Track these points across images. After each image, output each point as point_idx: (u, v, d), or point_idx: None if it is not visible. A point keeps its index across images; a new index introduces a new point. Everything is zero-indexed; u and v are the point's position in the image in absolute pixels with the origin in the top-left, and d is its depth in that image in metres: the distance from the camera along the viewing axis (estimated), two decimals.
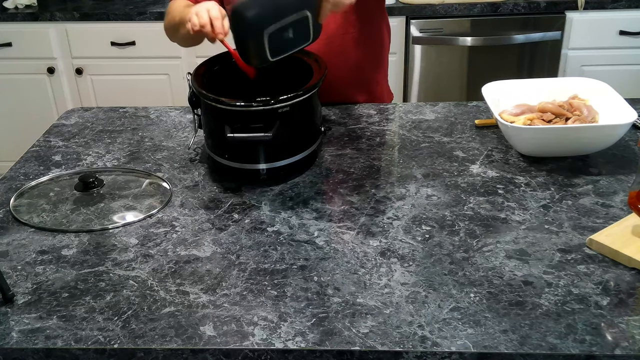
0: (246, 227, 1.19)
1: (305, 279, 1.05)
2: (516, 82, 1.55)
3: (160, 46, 2.85)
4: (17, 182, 1.38)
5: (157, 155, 1.46)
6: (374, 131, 1.54)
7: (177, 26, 1.58)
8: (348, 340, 0.92)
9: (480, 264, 1.07)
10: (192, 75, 1.36)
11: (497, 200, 1.24)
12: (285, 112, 1.26)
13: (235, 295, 1.02)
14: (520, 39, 2.82)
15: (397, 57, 2.87)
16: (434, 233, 1.15)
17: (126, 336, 0.95)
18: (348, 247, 1.13)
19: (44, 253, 1.14)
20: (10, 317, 0.99)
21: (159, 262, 1.11)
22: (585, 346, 0.90)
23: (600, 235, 1.10)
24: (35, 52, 2.93)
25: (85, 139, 1.56)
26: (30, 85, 3.00)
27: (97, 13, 2.85)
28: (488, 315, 0.96)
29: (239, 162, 1.32)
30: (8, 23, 2.90)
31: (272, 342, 0.93)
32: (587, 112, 1.40)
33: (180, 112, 1.69)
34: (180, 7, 1.60)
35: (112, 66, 2.94)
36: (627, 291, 1.00)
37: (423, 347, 0.91)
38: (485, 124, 1.53)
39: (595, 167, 1.34)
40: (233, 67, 1.43)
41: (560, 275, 1.03)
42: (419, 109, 1.65)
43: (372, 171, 1.36)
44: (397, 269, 1.06)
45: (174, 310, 0.99)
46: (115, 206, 1.27)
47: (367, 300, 1.00)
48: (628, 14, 2.75)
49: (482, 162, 1.38)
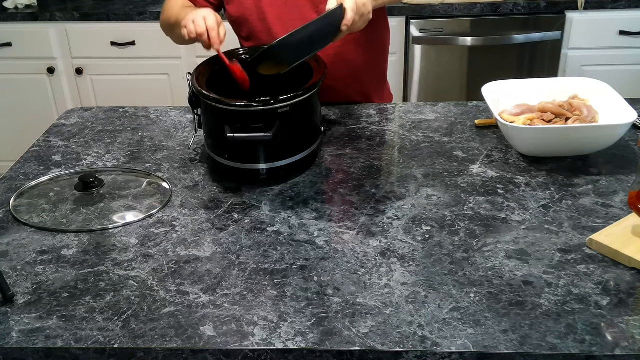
0: (246, 227, 1.19)
1: (305, 279, 1.05)
2: (516, 82, 1.55)
3: (160, 46, 2.85)
4: (17, 182, 1.38)
5: (157, 155, 1.46)
6: (374, 131, 1.54)
7: (173, 26, 1.58)
8: (348, 340, 0.92)
9: (480, 264, 1.07)
10: (192, 75, 1.36)
11: (497, 200, 1.24)
12: (285, 112, 1.26)
13: (235, 295, 1.02)
14: (520, 39, 2.82)
15: (397, 57, 2.87)
16: (434, 233, 1.15)
17: (126, 336, 0.95)
18: (348, 247, 1.13)
19: (44, 253, 1.14)
20: (10, 317, 0.99)
21: (159, 262, 1.11)
22: (585, 346, 0.90)
23: (600, 235, 1.10)
24: (35, 52, 2.93)
25: (85, 139, 1.56)
26: (30, 85, 3.00)
27: (97, 13, 2.85)
28: (488, 315, 0.96)
29: (239, 162, 1.32)
30: (8, 23, 2.90)
31: (272, 342, 0.93)
32: (587, 112, 1.40)
33: (180, 112, 1.69)
34: (177, 7, 1.60)
35: (112, 66, 2.94)
36: (627, 291, 1.00)
37: (423, 347, 0.91)
38: (485, 124, 1.53)
39: (595, 167, 1.34)
40: None
41: (560, 275, 1.03)
42: (419, 109, 1.65)
43: (372, 171, 1.36)
44: (397, 269, 1.06)
45: (174, 310, 0.99)
46: (115, 206, 1.27)
47: (367, 300, 1.00)
48: (628, 14, 2.75)
49: (482, 162, 1.38)
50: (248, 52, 1.47)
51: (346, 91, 1.68)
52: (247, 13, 1.61)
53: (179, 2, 1.62)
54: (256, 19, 1.61)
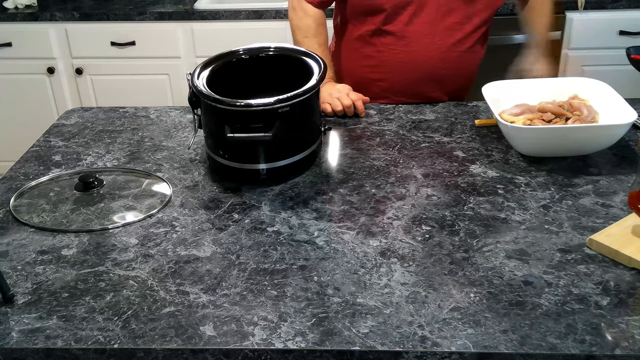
0: (246, 227, 1.19)
1: (305, 279, 1.05)
2: (516, 82, 1.55)
3: (160, 46, 2.85)
4: (17, 182, 1.38)
5: (157, 155, 1.46)
6: (374, 131, 1.54)
7: (295, 42, 1.75)
8: (348, 340, 0.92)
9: (480, 264, 1.07)
10: (192, 75, 1.36)
11: (497, 200, 1.24)
12: (285, 112, 1.26)
13: (235, 295, 1.02)
14: (520, 39, 2.81)
15: None
16: (434, 233, 1.15)
17: (126, 336, 0.95)
18: (348, 247, 1.13)
19: (44, 253, 1.14)
20: (10, 317, 0.99)
21: (159, 262, 1.11)
22: (585, 346, 0.90)
23: (600, 235, 1.10)
24: (35, 52, 2.92)
25: (85, 139, 1.56)
26: (30, 85, 3.00)
27: (97, 13, 2.85)
28: (488, 315, 0.96)
29: (239, 162, 1.31)
30: (8, 23, 2.90)
31: (272, 342, 0.93)
32: (587, 112, 1.40)
33: (180, 112, 1.69)
34: (307, 40, 1.72)
35: (112, 66, 2.94)
36: (627, 291, 1.00)
37: (423, 347, 0.91)
38: (485, 124, 1.53)
39: (595, 167, 1.34)
40: (233, 67, 1.43)
41: (560, 275, 1.03)
42: (419, 109, 1.64)
43: (372, 171, 1.36)
44: (397, 269, 1.06)
45: (174, 310, 0.99)
46: (115, 206, 1.27)
47: (367, 300, 1.00)
48: (628, 14, 2.75)
49: (482, 162, 1.38)
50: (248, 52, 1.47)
51: (464, 84, 1.80)
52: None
53: (309, 30, 1.74)
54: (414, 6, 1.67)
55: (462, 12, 1.67)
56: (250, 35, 2.69)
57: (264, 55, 1.45)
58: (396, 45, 1.69)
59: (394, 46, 1.70)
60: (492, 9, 1.72)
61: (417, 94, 1.72)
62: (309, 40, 1.71)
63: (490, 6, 1.70)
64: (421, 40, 1.68)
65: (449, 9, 1.66)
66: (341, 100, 1.60)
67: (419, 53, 1.68)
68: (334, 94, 1.61)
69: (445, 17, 1.66)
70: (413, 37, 1.67)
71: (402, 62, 1.70)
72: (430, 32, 1.67)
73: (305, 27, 1.73)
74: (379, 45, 1.71)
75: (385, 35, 1.69)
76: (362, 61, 1.77)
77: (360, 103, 1.61)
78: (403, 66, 1.71)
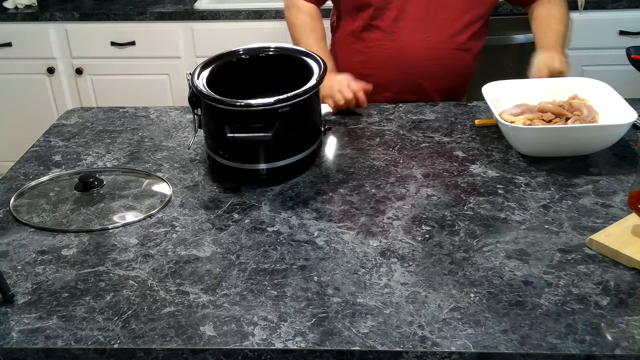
0: (246, 227, 1.19)
1: (305, 279, 1.05)
2: (516, 82, 1.55)
3: (160, 46, 2.85)
4: (17, 182, 1.38)
5: (157, 155, 1.46)
6: (374, 131, 1.54)
7: (293, 40, 1.73)
8: (348, 340, 0.92)
9: (480, 264, 1.07)
10: (192, 75, 1.36)
11: (497, 200, 1.24)
12: (285, 112, 1.26)
13: (235, 295, 1.02)
14: (520, 39, 2.81)
15: None
16: (434, 233, 1.15)
17: (126, 336, 0.95)
18: (348, 247, 1.13)
19: (44, 253, 1.14)
20: (10, 317, 0.99)
21: (159, 262, 1.11)
22: (585, 346, 0.90)
23: (600, 235, 1.10)
24: (35, 52, 2.92)
25: (85, 139, 1.56)
26: (30, 85, 3.00)
27: (97, 13, 2.85)
28: (488, 315, 0.96)
29: (239, 162, 1.31)
30: (8, 23, 2.90)
31: (272, 342, 0.93)
32: (587, 112, 1.40)
33: (180, 112, 1.69)
34: (304, 37, 1.71)
35: (112, 66, 2.94)
36: (627, 291, 1.00)
37: (423, 347, 0.91)
38: (485, 124, 1.53)
39: (595, 167, 1.34)
40: (233, 67, 1.43)
41: (560, 275, 1.03)
42: (419, 109, 1.64)
43: (372, 171, 1.36)
44: (397, 269, 1.06)
45: (174, 310, 0.99)
46: (115, 206, 1.27)
47: (367, 300, 1.00)
48: (628, 14, 2.75)
49: (482, 162, 1.38)
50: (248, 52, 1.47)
51: (458, 82, 1.78)
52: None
53: (305, 26, 1.73)
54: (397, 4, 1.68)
55: (453, 8, 1.66)
56: (250, 35, 2.69)
57: (264, 55, 1.45)
58: (385, 41, 1.69)
59: (382, 42, 1.70)
60: (487, 5, 1.71)
61: (407, 91, 1.71)
62: (306, 36, 1.71)
63: (484, 3, 1.70)
64: (410, 36, 1.67)
65: (440, 5, 1.65)
66: (342, 92, 1.57)
67: (408, 49, 1.68)
68: (334, 87, 1.59)
69: (436, 14, 1.66)
70: (402, 32, 1.67)
71: (391, 57, 1.70)
72: (419, 28, 1.66)
73: (301, 24, 1.72)
74: (369, 40, 1.72)
75: (374, 30, 1.69)
76: (353, 57, 1.77)
77: (361, 94, 1.58)
78: (392, 62, 1.70)
